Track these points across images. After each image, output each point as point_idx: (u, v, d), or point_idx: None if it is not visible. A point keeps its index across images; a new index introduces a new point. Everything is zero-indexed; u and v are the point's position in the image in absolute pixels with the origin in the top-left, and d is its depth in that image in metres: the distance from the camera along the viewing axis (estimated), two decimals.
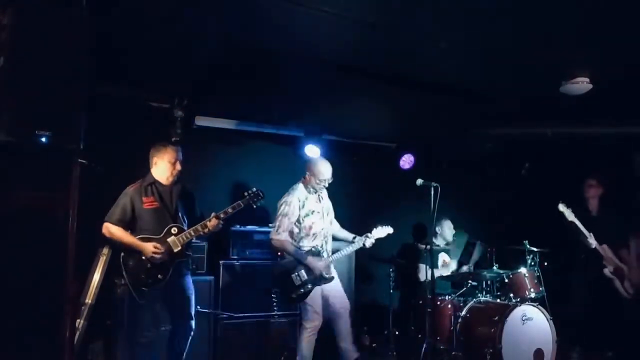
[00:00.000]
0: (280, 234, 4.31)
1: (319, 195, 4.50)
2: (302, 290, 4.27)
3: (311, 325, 4.33)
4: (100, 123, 4.11)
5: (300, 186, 4.46)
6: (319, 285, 4.35)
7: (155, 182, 3.92)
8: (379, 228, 4.61)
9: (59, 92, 2.35)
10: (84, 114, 2.44)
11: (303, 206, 4.38)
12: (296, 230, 4.40)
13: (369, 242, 4.55)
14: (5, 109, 2.22)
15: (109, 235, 3.78)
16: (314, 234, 4.42)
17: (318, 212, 4.45)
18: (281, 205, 4.38)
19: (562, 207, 4.99)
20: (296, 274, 4.29)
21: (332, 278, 4.43)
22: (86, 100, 2.46)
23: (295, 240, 4.40)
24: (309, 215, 4.39)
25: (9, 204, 2.31)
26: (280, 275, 4.35)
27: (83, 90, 2.44)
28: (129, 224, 3.81)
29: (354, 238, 4.62)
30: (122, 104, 4.55)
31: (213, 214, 3.92)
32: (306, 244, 4.41)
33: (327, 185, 4.46)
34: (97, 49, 2.66)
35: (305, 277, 4.29)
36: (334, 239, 4.70)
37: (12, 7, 2.25)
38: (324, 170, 4.38)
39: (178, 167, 3.93)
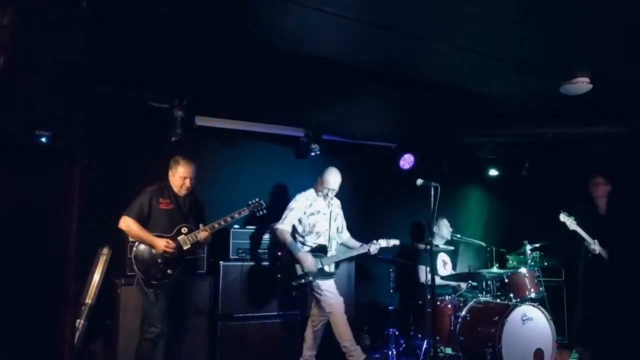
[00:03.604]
0: (283, 224, 4.67)
1: (329, 202, 4.82)
2: (302, 280, 4.54)
3: (333, 309, 4.56)
4: (100, 123, 4.14)
5: (312, 189, 4.84)
6: (319, 278, 4.60)
7: (170, 187, 4.13)
8: (387, 239, 4.88)
9: (59, 92, 2.35)
10: (84, 114, 2.44)
11: (310, 205, 4.75)
12: (300, 228, 4.74)
13: (373, 247, 4.81)
14: (6, 108, 2.22)
15: (126, 228, 3.95)
16: (317, 233, 4.74)
17: (324, 214, 4.80)
18: (292, 201, 4.78)
19: (563, 217, 4.94)
20: (300, 264, 4.56)
21: (333, 274, 4.73)
22: (86, 100, 2.46)
23: (301, 237, 4.73)
24: (314, 214, 4.74)
25: (10, 204, 2.31)
26: (287, 263, 4.63)
27: (83, 90, 2.45)
28: (144, 221, 3.98)
29: (361, 246, 4.88)
30: (122, 104, 4.55)
31: (222, 218, 4.14)
32: (310, 241, 4.73)
33: (330, 194, 4.75)
34: (97, 49, 2.66)
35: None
36: (344, 246, 5.03)
37: (12, 7, 2.25)
38: (331, 180, 4.71)
39: (188, 183, 4.11)
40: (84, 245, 2.68)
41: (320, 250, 4.70)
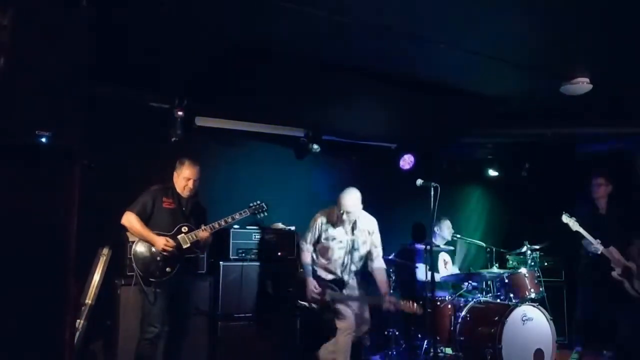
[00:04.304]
0: (303, 245, 4.54)
1: (352, 228, 4.45)
2: (306, 305, 4.38)
3: (341, 327, 4.29)
4: (100, 123, 4.14)
5: (325, 211, 4.51)
6: (323, 313, 4.39)
7: (174, 187, 4.17)
8: (410, 304, 4.23)
9: (59, 92, 2.35)
10: (84, 114, 2.44)
11: (326, 230, 4.46)
12: (316, 248, 4.54)
13: (387, 304, 4.27)
14: (6, 108, 2.22)
15: (128, 223, 3.98)
16: (328, 258, 4.48)
17: (340, 242, 4.44)
18: (311, 220, 4.54)
19: (565, 219, 4.90)
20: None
21: (342, 316, 4.32)
22: (86, 100, 2.46)
23: (314, 257, 4.54)
24: (328, 240, 4.46)
25: (10, 204, 2.30)
26: (300, 282, 4.48)
27: (83, 90, 2.45)
28: (146, 219, 4.02)
29: (382, 293, 4.39)
30: (122, 104, 4.55)
31: (222, 219, 4.15)
32: (321, 265, 4.52)
33: (347, 217, 4.35)
34: (97, 48, 2.66)
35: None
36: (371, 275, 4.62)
37: (12, 7, 2.25)
38: (343, 201, 4.33)
39: (191, 185, 4.13)
40: (84, 245, 2.67)
41: (336, 284, 4.44)
